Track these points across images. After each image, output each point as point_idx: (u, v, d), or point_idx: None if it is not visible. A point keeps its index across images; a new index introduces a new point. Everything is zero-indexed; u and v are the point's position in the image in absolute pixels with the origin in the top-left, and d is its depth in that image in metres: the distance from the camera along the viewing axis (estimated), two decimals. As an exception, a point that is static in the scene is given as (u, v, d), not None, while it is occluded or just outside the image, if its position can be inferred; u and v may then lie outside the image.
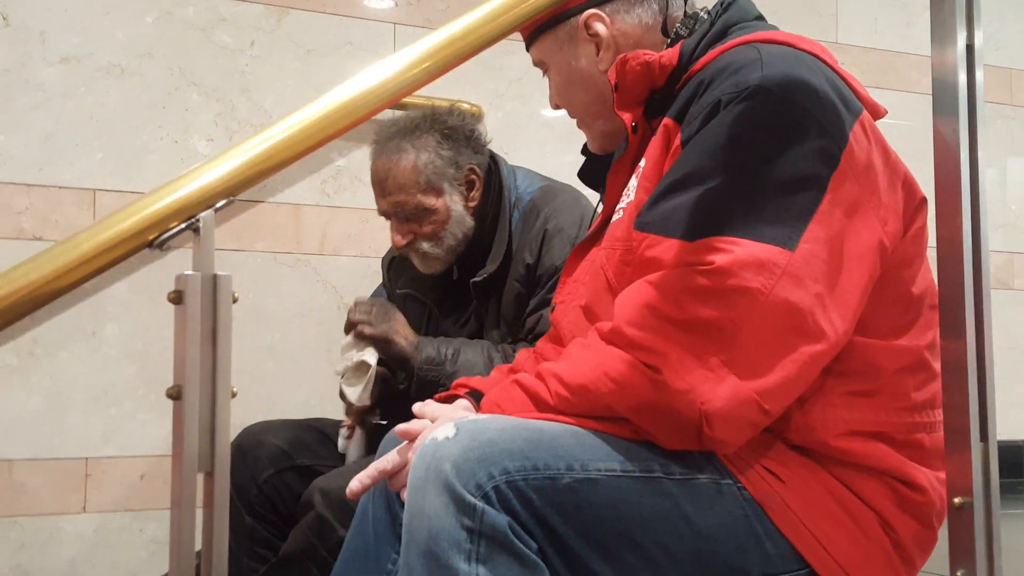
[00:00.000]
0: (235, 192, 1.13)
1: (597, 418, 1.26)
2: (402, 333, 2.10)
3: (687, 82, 1.40)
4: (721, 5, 1.51)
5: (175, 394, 1.06)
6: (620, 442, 1.26)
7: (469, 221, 2.20)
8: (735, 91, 1.29)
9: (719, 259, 1.22)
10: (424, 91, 2.56)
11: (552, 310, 1.63)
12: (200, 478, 1.08)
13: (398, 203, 2.16)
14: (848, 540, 1.29)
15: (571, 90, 1.63)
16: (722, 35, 1.46)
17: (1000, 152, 4.00)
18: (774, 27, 1.49)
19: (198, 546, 1.08)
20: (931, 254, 1.38)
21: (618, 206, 1.50)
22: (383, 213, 2.22)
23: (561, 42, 1.59)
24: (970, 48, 1.29)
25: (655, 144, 1.40)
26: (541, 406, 1.29)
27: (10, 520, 2.59)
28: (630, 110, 1.50)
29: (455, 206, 2.17)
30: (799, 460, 1.30)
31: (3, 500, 2.58)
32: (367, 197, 2.92)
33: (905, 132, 3.82)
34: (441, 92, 2.33)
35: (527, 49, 1.67)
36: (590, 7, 1.57)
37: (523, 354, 1.73)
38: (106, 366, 2.69)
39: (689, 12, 1.58)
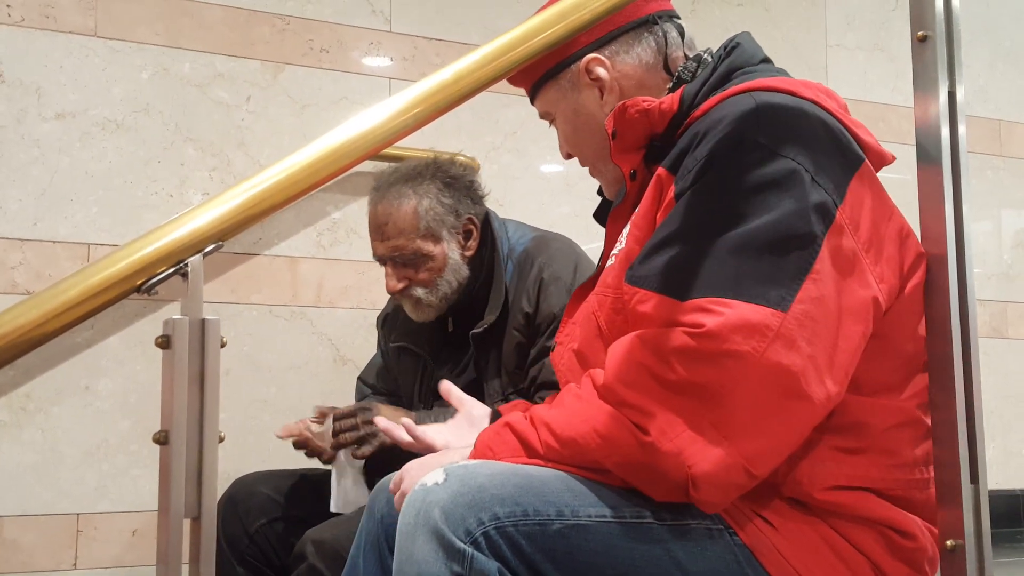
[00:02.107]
0: (224, 237, 1.13)
1: (586, 468, 1.26)
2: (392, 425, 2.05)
3: (687, 129, 1.39)
4: (725, 48, 1.51)
5: (162, 439, 1.06)
6: (611, 487, 1.25)
7: (465, 270, 2.20)
8: (727, 144, 1.28)
9: (709, 322, 1.20)
10: (419, 143, 2.59)
11: (551, 350, 1.64)
12: (187, 524, 1.07)
13: (396, 247, 2.16)
14: None
15: (579, 137, 1.63)
16: (725, 80, 1.44)
17: (991, 203, 4.02)
18: (781, 71, 1.48)
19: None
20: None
21: (612, 251, 1.50)
22: (379, 258, 2.22)
23: (564, 90, 1.60)
24: (952, 95, 1.31)
25: (649, 193, 1.39)
26: (531, 453, 1.28)
27: (1, 577, 2.56)
28: (628, 157, 1.49)
29: (452, 254, 2.18)
30: (790, 509, 1.29)
31: (-6, 557, 2.56)
32: (363, 249, 2.95)
33: (898, 184, 3.86)
34: (437, 144, 2.36)
35: (532, 102, 1.68)
36: (589, 51, 1.57)
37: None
38: (99, 421, 2.68)
39: (691, 55, 1.59)
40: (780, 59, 1.55)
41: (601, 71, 1.57)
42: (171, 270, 1.10)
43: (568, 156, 1.69)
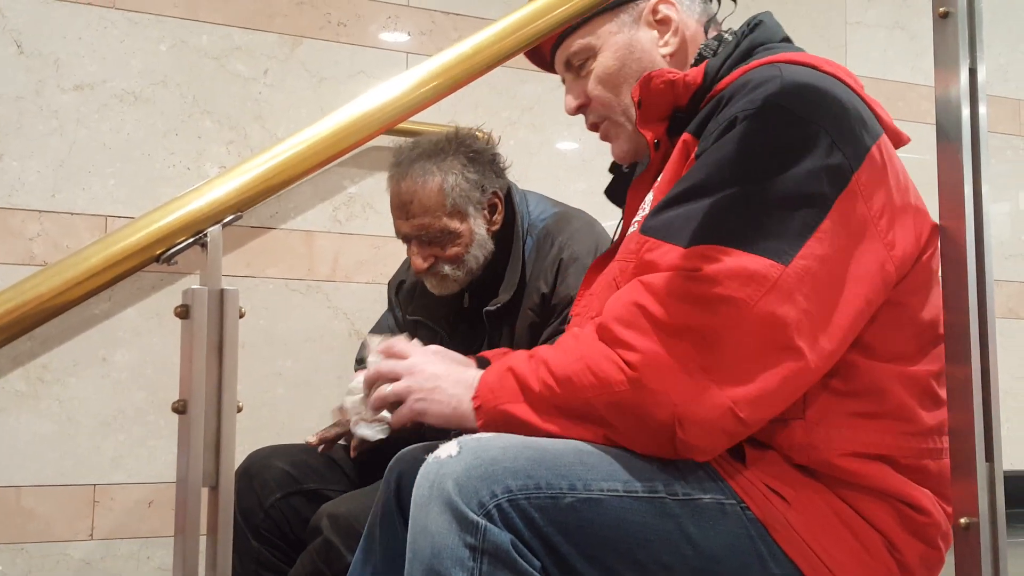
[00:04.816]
0: (243, 208, 1.14)
1: (574, 419, 1.27)
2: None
3: (710, 100, 1.41)
4: (748, 25, 1.52)
5: (181, 408, 1.06)
6: (623, 461, 1.25)
7: (490, 245, 2.19)
8: (751, 107, 1.30)
9: (708, 267, 1.23)
10: (436, 118, 2.58)
11: (568, 323, 1.63)
12: (205, 493, 1.08)
13: (422, 226, 2.14)
14: (854, 561, 1.28)
15: (624, 75, 1.59)
16: (747, 55, 1.46)
17: (1011, 183, 3.99)
18: (800, 49, 1.49)
19: (202, 568, 1.08)
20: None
21: (634, 219, 1.50)
22: (404, 236, 2.20)
23: (623, 24, 1.59)
24: (973, 73, 1.30)
25: (674, 159, 1.41)
26: (529, 396, 1.29)
27: (17, 547, 2.58)
28: (652, 127, 1.50)
29: (479, 230, 2.16)
30: (804, 481, 1.30)
31: (11, 526, 2.58)
32: (378, 224, 2.95)
33: (917, 164, 3.84)
34: (453, 119, 2.35)
35: (560, 43, 1.64)
36: None
37: None
38: (116, 392, 2.70)
39: (713, 33, 1.60)
40: (799, 36, 1.55)
41: (670, 11, 1.59)
42: (191, 240, 1.10)
43: (579, 109, 1.65)
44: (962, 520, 1.15)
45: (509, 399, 1.31)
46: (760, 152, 1.28)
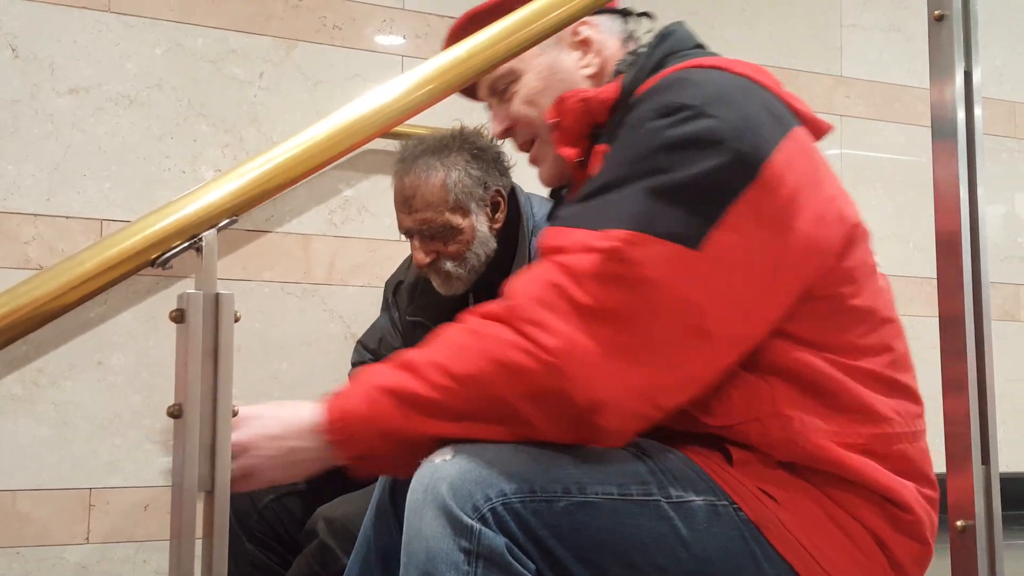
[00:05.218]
0: (239, 211, 1.14)
1: (479, 420, 1.23)
2: None
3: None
4: (659, 37, 1.53)
5: (176, 412, 1.06)
6: (618, 464, 1.26)
7: (492, 243, 2.20)
8: (654, 108, 1.31)
9: (625, 248, 1.23)
10: (432, 121, 2.58)
11: None
12: (201, 499, 1.08)
13: (424, 220, 2.16)
14: (848, 561, 1.28)
15: (548, 96, 1.58)
16: (660, 65, 1.47)
17: (1005, 186, 4.00)
18: (714, 54, 1.50)
19: (198, 572, 1.08)
20: (925, 281, 1.38)
21: None
22: (406, 231, 2.21)
23: (545, 47, 1.57)
24: (968, 76, 1.31)
25: (593, 171, 1.41)
26: (419, 404, 1.23)
27: (12, 551, 2.58)
28: (573, 147, 1.51)
29: (480, 227, 2.18)
30: (792, 480, 1.30)
31: (6, 530, 2.57)
32: (374, 227, 2.95)
33: (912, 165, 3.85)
34: (448, 123, 2.35)
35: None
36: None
37: None
38: (111, 396, 2.69)
39: (631, 49, 1.60)
40: (795, 39, 1.56)
41: (591, 32, 1.59)
42: (186, 244, 1.10)
43: (506, 132, 1.66)
44: (958, 522, 1.15)
45: (387, 421, 1.24)
46: (664, 148, 1.28)
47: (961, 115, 1.29)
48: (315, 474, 1.31)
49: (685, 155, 1.27)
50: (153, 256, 1.10)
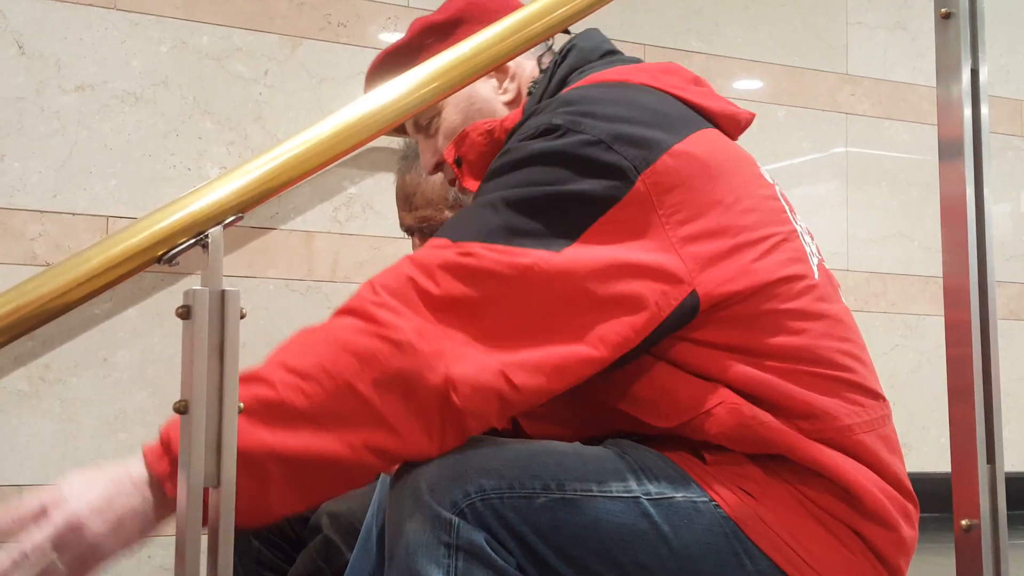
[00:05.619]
0: (244, 209, 1.14)
1: (316, 424, 1.15)
2: None
3: None
4: (561, 55, 1.51)
5: (182, 408, 1.06)
6: (598, 462, 1.26)
7: None
8: (527, 133, 1.31)
9: (476, 250, 1.22)
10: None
11: None
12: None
13: (424, 218, 2.16)
14: (829, 552, 1.27)
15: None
16: (562, 85, 1.46)
17: (1011, 184, 3.99)
18: (630, 60, 1.48)
19: (204, 568, 1.08)
20: (930, 280, 1.38)
21: None
22: (407, 229, 2.22)
23: None
24: (975, 74, 1.31)
25: None
26: (266, 411, 1.15)
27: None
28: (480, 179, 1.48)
29: None
30: (765, 476, 1.29)
31: (12, 526, 2.58)
32: (378, 225, 2.96)
33: (918, 164, 3.84)
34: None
35: None
36: None
37: None
38: (117, 392, 2.70)
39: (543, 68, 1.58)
40: (799, 38, 1.55)
41: None
42: (192, 241, 1.10)
43: (436, 168, 1.65)
44: (964, 522, 1.15)
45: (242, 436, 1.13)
46: (531, 166, 1.28)
47: (968, 113, 1.29)
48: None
49: (550, 170, 1.26)
50: (159, 253, 1.10)
